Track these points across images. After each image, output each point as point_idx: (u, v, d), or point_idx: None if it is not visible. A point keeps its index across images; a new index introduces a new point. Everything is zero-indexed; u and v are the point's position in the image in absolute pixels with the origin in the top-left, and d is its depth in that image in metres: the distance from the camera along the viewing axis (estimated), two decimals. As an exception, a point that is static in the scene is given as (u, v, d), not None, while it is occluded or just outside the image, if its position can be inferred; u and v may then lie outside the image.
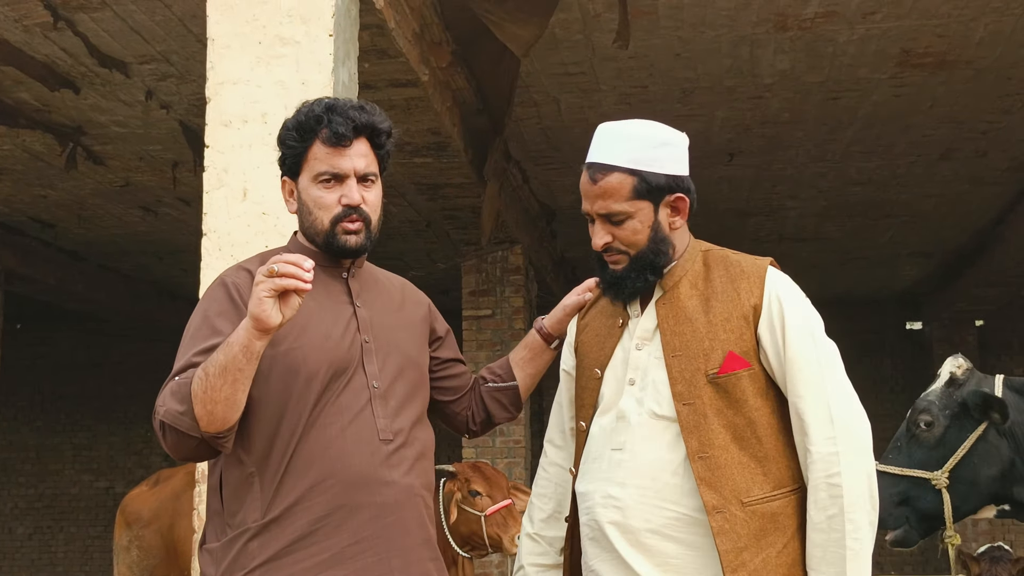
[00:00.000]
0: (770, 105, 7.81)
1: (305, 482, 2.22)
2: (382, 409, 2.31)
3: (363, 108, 2.39)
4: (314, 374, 2.27)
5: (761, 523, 2.33)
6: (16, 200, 9.85)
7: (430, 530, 2.35)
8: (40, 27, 6.37)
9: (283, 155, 2.42)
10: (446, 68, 6.26)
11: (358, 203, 2.37)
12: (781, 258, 10.33)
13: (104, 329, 14.74)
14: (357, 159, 2.37)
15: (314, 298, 2.32)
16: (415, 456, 2.34)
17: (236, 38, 4.12)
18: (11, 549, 15.05)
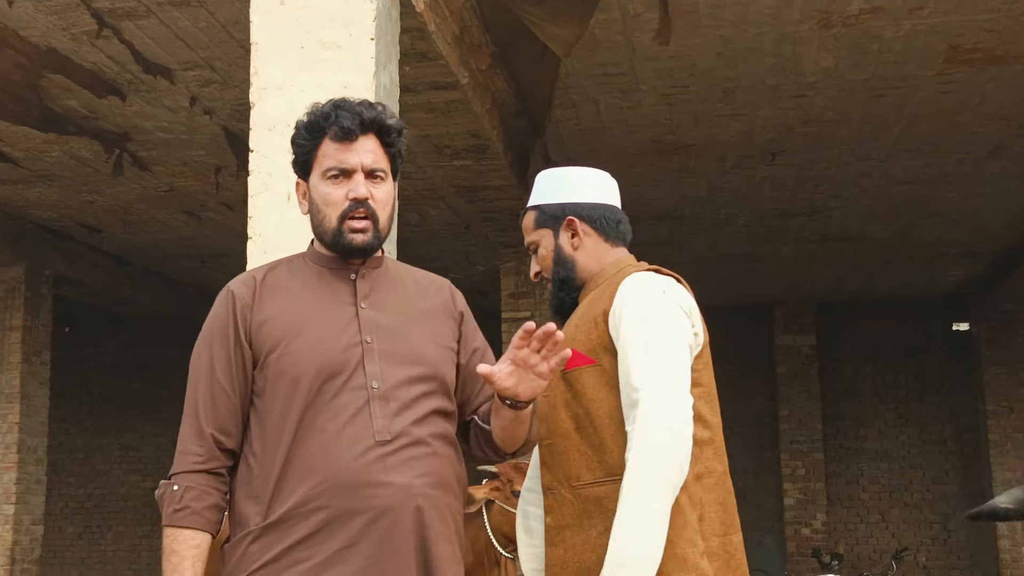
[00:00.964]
0: (813, 104, 7.76)
1: (302, 486, 2.22)
2: (381, 410, 2.27)
3: (371, 105, 2.40)
4: (303, 377, 2.26)
5: (585, 505, 2.56)
6: (64, 206, 9.99)
7: (436, 531, 2.28)
8: (87, 35, 6.46)
9: (295, 155, 2.43)
10: (486, 70, 6.28)
11: (365, 197, 2.35)
12: (824, 258, 10.27)
13: (149, 332, 14.91)
14: (364, 154, 2.36)
15: (316, 301, 2.35)
16: (420, 456, 2.28)
17: (279, 43, 4.16)
18: (61, 548, 15.25)
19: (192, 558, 2.24)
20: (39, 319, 10.72)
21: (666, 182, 9.49)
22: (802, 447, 14.17)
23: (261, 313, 2.35)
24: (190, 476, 2.29)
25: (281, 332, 2.30)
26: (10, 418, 10.32)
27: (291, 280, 2.40)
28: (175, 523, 2.26)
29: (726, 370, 15.44)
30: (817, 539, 13.82)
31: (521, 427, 2.40)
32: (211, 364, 2.35)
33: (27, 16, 6.26)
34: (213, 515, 2.29)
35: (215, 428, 2.31)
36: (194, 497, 2.27)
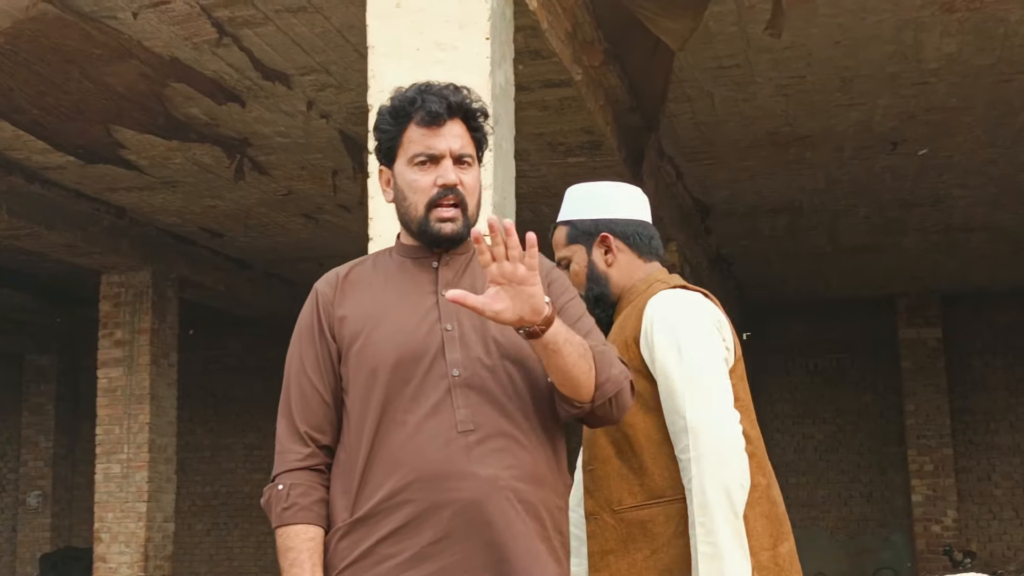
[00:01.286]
0: (936, 90, 7.56)
1: (386, 480, 2.17)
2: (463, 399, 2.19)
3: (457, 89, 2.31)
4: (382, 368, 2.21)
5: (629, 530, 2.56)
6: (187, 211, 10.27)
7: (519, 527, 2.16)
8: (208, 44, 6.63)
9: (378, 142, 2.36)
10: (599, 67, 6.27)
11: (454, 183, 2.26)
12: (948, 249, 10.01)
13: (270, 333, 15.18)
14: (452, 139, 2.28)
15: (396, 291, 2.30)
16: (506, 447, 2.19)
17: (396, 46, 4.20)
18: (190, 544, 15.69)
19: (309, 551, 2.22)
20: (166, 322, 11.04)
21: (782, 174, 9.35)
22: (930, 442, 13.83)
23: (342, 308, 2.31)
24: (293, 474, 2.28)
25: (361, 325, 2.26)
26: (141, 419, 10.64)
27: (374, 274, 2.36)
28: (286, 521, 2.25)
29: (848, 363, 15.30)
30: (948, 536, 13.48)
31: (559, 359, 2.16)
32: (301, 363, 2.33)
33: (151, 27, 6.45)
34: (322, 509, 2.26)
35: (309, 426, 2.29)
36: (300, 493, 2.25)
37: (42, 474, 15.86)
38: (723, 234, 11.15)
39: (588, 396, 2.22)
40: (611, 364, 2.25)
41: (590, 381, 2.21)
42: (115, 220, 10.20)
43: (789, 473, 14.74)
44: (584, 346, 2.20)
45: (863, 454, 14.63)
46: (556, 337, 2.14)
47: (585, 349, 2.20)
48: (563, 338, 2.15)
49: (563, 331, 2.16)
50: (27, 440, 15.98)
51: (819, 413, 14.77)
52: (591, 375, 2.21)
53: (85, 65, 6.91)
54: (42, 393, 15.97)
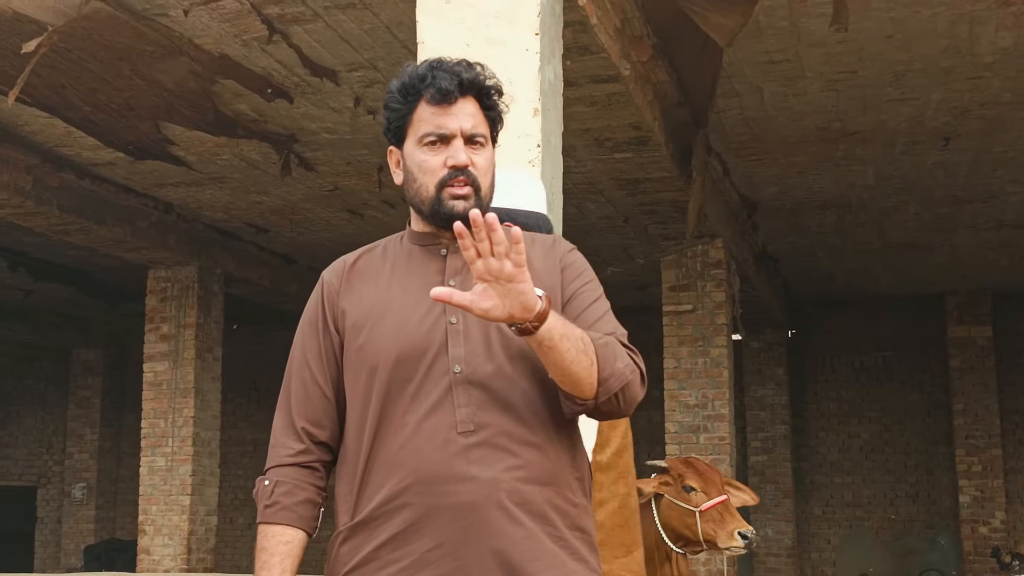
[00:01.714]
0: (990, 85, 7.45)
1: (385, 483, 2.09)
2: (464, 397, 2.08)
3: (470, 65, 2.20)
4: (382, 366, 2.12)
5: None
6: (234, 207, 10.33)
7: (529, 527, 2.07)
8: (257, 41, 6.66)
9: (387, 121, 2.24)
10: (647, 62, 6.22)
11: (465, 164, 2.15)
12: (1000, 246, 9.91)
13: (315, 329, 15.29)
14: (464, 118, 2.17)
15: (401, 282, 2.20)
16: (510, 447, 2.08)
17: (445, 42, 4.19)
18: (232, 538, 15.81)
19: (281, 555, 2.16)
20: (211, 316, 11.12)
21: (832, 170, 9.26)
22: (979, 443, 13.65)
23: (346, 300, 2.23)
24: (281, 471, 2.21)
25: (363, 320, 2.17)
26: (185, 412, 10.74)
27: (382, 263, 2.26)
28: (265, 519, 2.19)
29: (895, 362, 15.12)
30: (996, 538, 13.30)
31: (555, 356, 2.02)
32: (303, 355, 2.25)
33: (201, 24, 6.48)
34: (306, 511, 2.20)
35: (307, 421, 2.22)
36: (284, 492, 2.19)
37: (87, 466, 16.08)
38: (770, 230, 11.06)
39: (591, 393, 2.08)
40: (615, 357, 2.11)
41: (591, 377, 2.07)
42: (163, 215, 10.29)
43: (834, 472, 14.61)
44: (584, 340, 2.06)
45: (909, 454, 14.47)
46: (551, 333, 2.00)
47: (585, 344, 2.06)
48: (559, 333, 2.01)
49: (559, 326, 2.02)
50: (73, 433, 16.20)
51: (865, 412, 14.63)
52: (592, 371, 2.06)
53: (136, 62, 6.97)
54: (89, 387, 16.19)
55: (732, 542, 4.59)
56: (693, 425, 9.30)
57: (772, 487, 14.09)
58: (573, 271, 2.26)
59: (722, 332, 9.36)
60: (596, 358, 2.07)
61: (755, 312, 12.04)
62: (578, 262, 2.29)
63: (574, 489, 2.16)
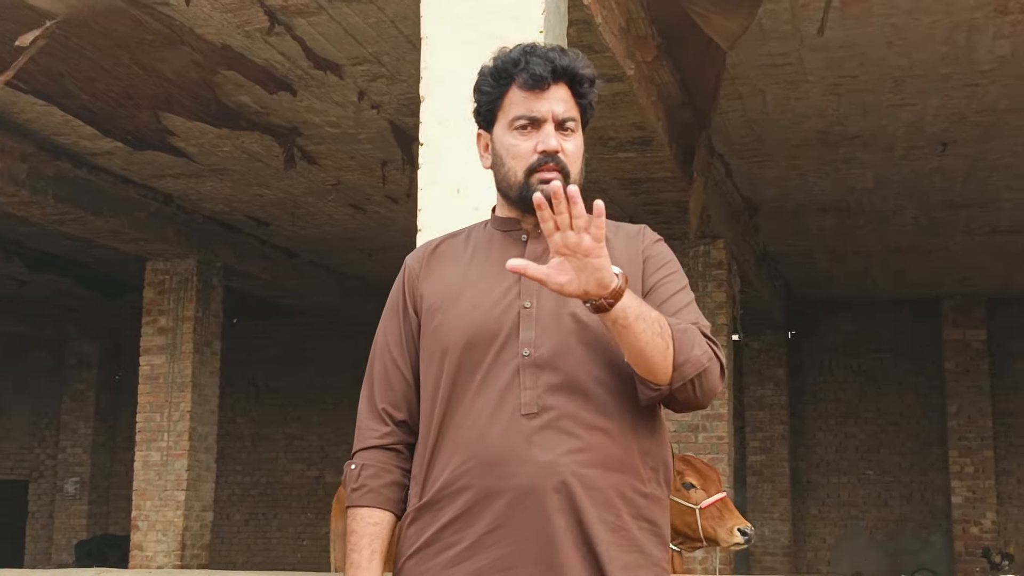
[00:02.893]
0: (988, 92, 7.49)
1: (449, 465, 2.09)
2: (531, 380, 2.06)
3: (564, 51, 2.18)
4: (453, 348, 2.12)
5: None
6: (235, 199, 10.33)
7: (592, 515, 2.03)
8: (260, 32, 6.66)
9: (478, 104, 2.21)
10: (651, 62, 6.24)
11: (556, 149, 2.13)
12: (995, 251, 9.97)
13: (315, 323, 15.29)
14: (555, 103, 2.14)
15: (480, 267, 2.19)
16: (574, 431, 2.05)
17: (449, 37, 4.21)
18: (228, 534, 15.79)
19: (370, 536, 2.17)
20: (210, 310, 11.08)
21: (832, 173, 9.29)
22: (971, 444, 13.72)
23: (425, 283, 2.23)
24: (367, 453, 2.23)
25: (440, 302, 2.17)
26: (182, 406, 10.67)
27: (464, 247, 2.25)
28: (353, 503, 2.21)
29: (891, 364, 15.18)
30: (987, 539, 13.36)
31: (629, 336, 1.98)
32: (385, 339, 2.27)
33: (203, 14, 6.49)
34: (392, 492, 2.20)
35: (387, 403, 2.24)
36: (371, 475, 2.20)
37: (80, 461, 15.95)
38: (771, 232, 11.09)
39: (665, 378, 2.04)
40: (693, 344, 2.07)
41: (667, 361, 2.03)
42: (162, 207, 10.28)
43: (831, 472, 14.66)
44: (661, 323, 2.02)
45: (904, 454, 14.52)
46: (626, 312, 1.96)
47: (662, 326, 2.02)
48: (634, 313, 1.97)
49: (635, 306, 1.98)
50: (66, 426, 16.09)
51: (861, 413, 14.68)
52: (668, 354, 2.02)
53: (136, 51, 6.96)
54: (83, 380, 16.09)
55: (733, 539, 4.62)
56: (692, 424, 9.32)
57: (769, 486, 14.14)
58: (656, 261, 2.23)
59: (722, 332, 9.38)
60: (672, 342, 2.03)
61: (756, 313, 12.07)
62: (662, 253, 2.26)
63: (645, 479, 2.13)
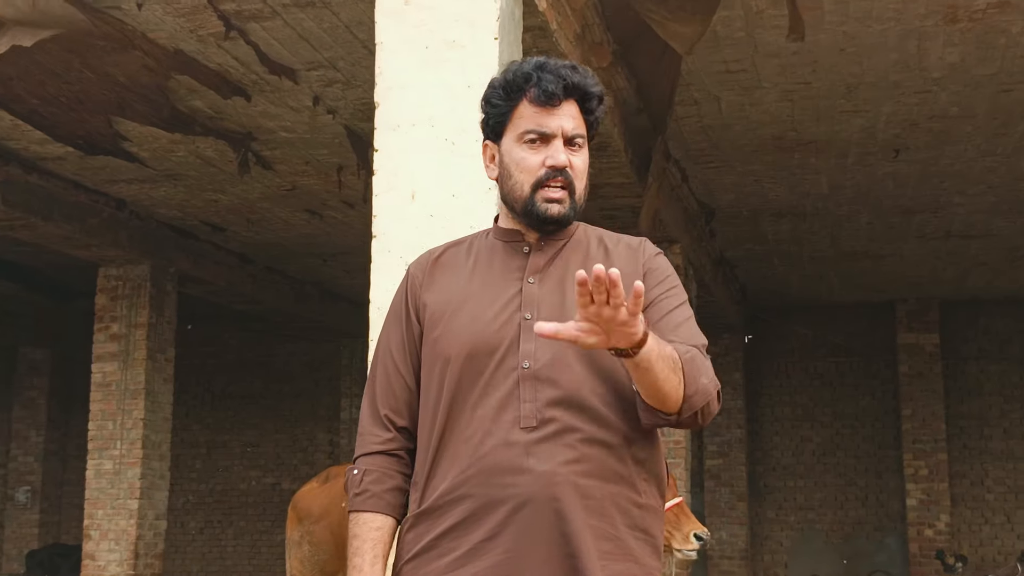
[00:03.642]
0: (938, 99, 7.57)
1: (450, 473, 2.13)
2: (530, 392, 2.11)
3: (575, 68, 2.23)
4: (454, 358, 2.17)
5: None
6: (189, 205, 10.24)
7: (582, 524, 2.07)
8: (214, 37, 6.60)
9: (486, 116, 2.27)
10: (607, 68, 6.25)
11: (564, 165, 2.18)
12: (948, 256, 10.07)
13: (270, 329, 15.18)
14: (565, 120, 2.19)
15: (482, 277, 2.24)
16: (572, 443, 2.09)
17: (404, 43, 4.19)
18: (183, 543, 15.63)
19: (373, 540, 2.21)
20: (164, 316, 10.96)
21: (787, 179, 9.36)
22: (925, 447, 13.87)
23: (428, 291, 2.27)
24: (369, 459, 2.26)
25: (442, 312, 2.22)
26: (135, 414, 10.53)
27: (466, 257, 2.30)
28: (355, 507, 2.25)
29: (846, 367, 15.31)
30: (940, 541, 13.51)
31: (649, 376, 2.02)
32: (387, 345, 2.31)
33: (155, 19, 6.42)
34: (394, 498, 2.24)
35: (389, 409, 2.27)
36: (373, 480, 2.24)
37: (31, 469, 15.68)
38: (727, 237, 11.15)
39: (675, 408, 2.10)
40: (700, 373, 2.12)
41: (678, 394, 2.08)
42: (115, 212, 10.16)
43: (787, 476, 14.75)
44: (674, 359, 2.07)
45: (860, 457, 14.65)
46: (649, 355, 1.99)
47: (675, 362, 2.07)
48: (656, 355, 2.01)
49: (656, 348, 2.01)
50: (17, 434, 15.80)
51: (817, 416, 14.79)
52: (680, 388, 2.08)
53: (87, 56, 6.88)
54: (35, 387, 15.81)
55: (687, 544, 4.63)
56: (647, 429, 9.32)
57: (727, 490, 14.21)
58: (656, 276, 2.26)
59: (678, 337, 9.40)
60: (684, 375, 2.08)
61: (712, 318, 12.13)
62: (662, 267, 2.29)
63: (642, 491, 2.17)
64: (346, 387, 14.90)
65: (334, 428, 15.35)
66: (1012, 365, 14.30)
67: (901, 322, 14.14)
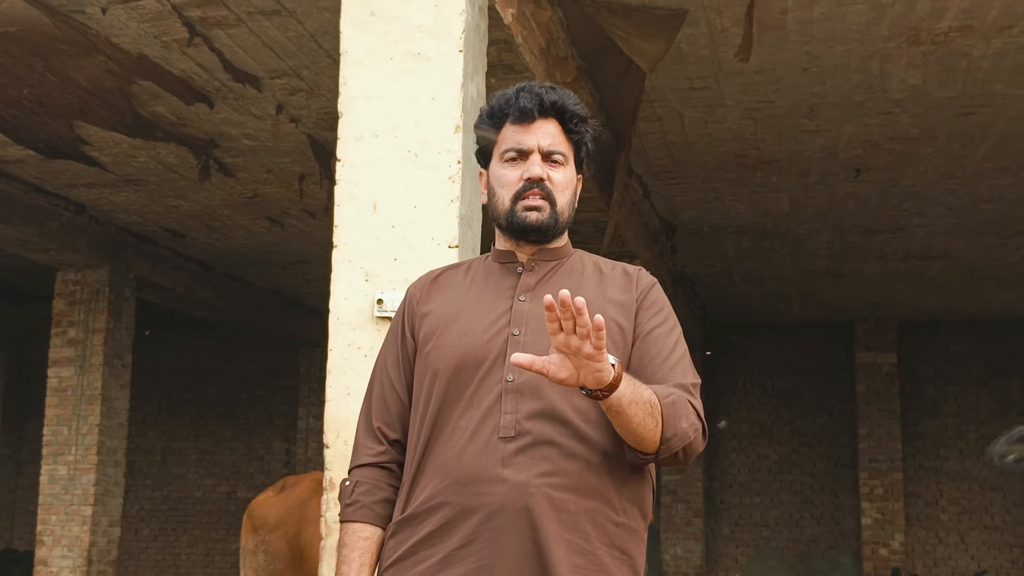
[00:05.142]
0: (899, 121, 7.65)
1: (431, 482, 2.18)
2: (512, 404, 2.15)
3: (554, 88, 2.31)
4: (442, 371, 2.22)
5: None
6: (149, 210, 10.17)
7: (554, 535, 2.09)
8: (178, 43, 6.57)
9: (477, 143, 2.38)
10: (571, 83, 6.27)
11: (539, 177, 2.25)
12: (907, 276, 10.16)
13: (229, 337, 15.09)
14: (542, 136, 2.27)
15: (476, 295, 2.30)
16: (549, 455, 2.12)
17: (369, 54, 4.18)
18: (137, 550, 15.48)
19: (360, 550, 2.26)
20: (122, 322, 10.86)
21: (749, 197, 9.41)
22: (881, 466, 13.97)
23: (424, 309, 2.33)
24: (361, 471, 2.31)
25: (435, 328, 2.28)
26: (91, 420, 10.43)
27: (464, 278, 2.37)
28: (346, 518, 2.30)
29: (805, 386, 15.42)
30: (895, 560, 13.61)
31: (623, 419, 2.06)
32: (384, 361, 2.37)
33: (119, 24, 6.38)
34: (383, 509, 2.28)
35: (383, 422, 2.32)
36: (364, 492, 2.29)
37: (-16, 473, 15.59)
38: (688, 253, 11.20)
39: (652, 449, 2.13)
40: (679, 417, 2.15)
41: (655, 436, 2.12)
42: (74, 216, 10.07)
43: (743, 493, 14.82)
44: (652, 403, 2.10)
45: (816, 476, 14.74)
46: (620, 400, 2.04)
47: (652, 406, 2.10)
48: (628, 400, 2.05)
49: (628, 393, 2.05)
50: (-29, 439, 15.68)
51: (775, 434, 14.87)
52: (656, 431, 2.11)
53: (50, 59, 6.82)
54: (-12, 390, 15.69)
55: None
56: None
57: (683, 506, 14.26)
58: (651, 309, 2.30)
59: (637, 351, 9.43)
60: (662, 419, 2.11)
61: (671, 334, 12.15)
62: (658, 299, 2.32)
63: (619, 509, 2.19)
64: (304, 396, 14.81)
65: (291, 437, 15.26)
66: (969, 386, 14.44)
67: (860, 341, 14.26)
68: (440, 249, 3.94)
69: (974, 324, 14.33)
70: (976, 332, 14.40)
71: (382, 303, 3.89)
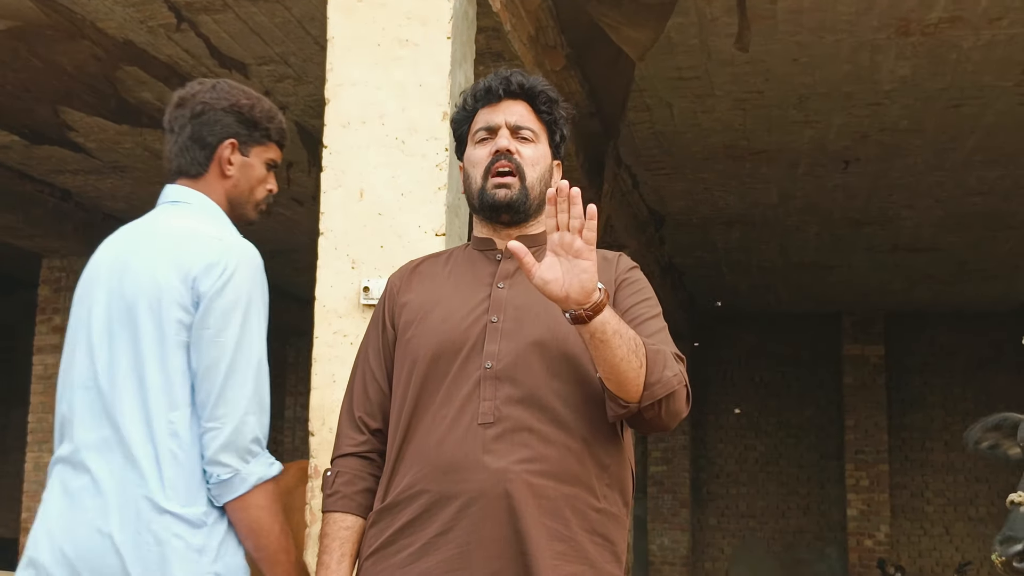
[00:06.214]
0: (889, 112, 7.64)
1: (410, 470, 2.18)
2: (491, 391, 2.14)
3: (523, 73, 2.38)
4: (421, 359, 2.22)
5: None
6: (135, 198, 10.11)
7: (534, 521, 2.07)
8: (164, 28, 6.52)
9: (454, 134, 2.44)
10: (560, 71, 6.24)
11: (506, 148, 2.28)
12: (895, 268, 10.14)
13: (215, 324, 15.02)
14: (510, 114, 2.32)
15: (455, 283, 2.31)
16: (528, 442, 2.10)
17: (356, 40, 4.15)
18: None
19: (341, 539, 2.27)
20: (108, 309, 10.81)
21: (737, 188, 9.40)
22: (867, 458, 14.02)
23: (404, 298, 2.35)
24: (343, 460, 2.33)
25: (415, 316, 2.29)
26: (77, 406, 10.41)
27: (443, 266, 2.38)
28: (327, 508, 2.32)
29: (792, 377, 15.47)
30: (880, 551, 13.66)
31: (606, 351, 2.01)
32: (366, 351, 2.38)
33: (105, 8, 6.33)
34: (364, 499, 2.29)
35: (364, 412, 2.33)
36: (345, 482, 2.30)
37: (-32, 461, 15.54)
38: (676, 244, 11.19)
39: (636, 395, 2.09)
40: (665, 365, 2.12)
41: (639, 379, 2.08)
42: (60, 203, 10.01)
43: (730, 483, 14.85)
44: (637, 341, 2.07)
45: (803, 467, 14.78)
46: (604, 326, 2.01)
47: (637, 344, 2.07)
48: (612, 329, 2.02)
49: (613, 322, 2.03)
50: (-44, 426, 15.64)
51: (762, 425, 14.90)
52: (641, 372, 2.07)
53: (34, 44, 6.77)
54: (-27, 378, 15.64)
55: None
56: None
57: (670, 497, 14.28)
58: (631, 288, 2.31)
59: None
60: (646, 361, 2.09)
61: (658, 324, 12.17)
62: (637, 280, 2.34)
63: (600, 495, 2.17)
64: (291, 385, 14.78)
65: (278, 426, 15.22)
66: (955, 378, 14.49)
67: (847, 333, 14.29)
68: (427, 237, 3.91)
69: (961, 316, 14.36)
70: (963, 324, 14.44)
71: (368, 291, 3.86)
